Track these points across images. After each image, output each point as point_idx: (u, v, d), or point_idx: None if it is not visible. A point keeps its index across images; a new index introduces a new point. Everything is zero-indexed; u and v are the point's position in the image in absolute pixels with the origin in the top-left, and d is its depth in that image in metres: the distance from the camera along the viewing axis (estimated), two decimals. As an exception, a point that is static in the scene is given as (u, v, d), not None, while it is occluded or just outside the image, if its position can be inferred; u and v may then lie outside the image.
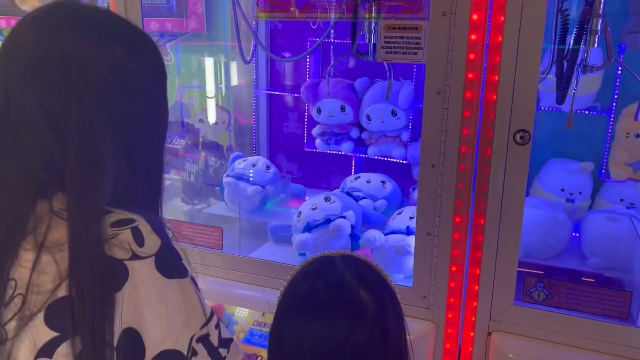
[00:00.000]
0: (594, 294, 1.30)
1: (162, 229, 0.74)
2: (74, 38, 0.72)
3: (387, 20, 1.34)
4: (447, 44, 1.25)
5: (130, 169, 0.77)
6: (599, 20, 1.28)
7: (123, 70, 0.74)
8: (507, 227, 1.29)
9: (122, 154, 0.76)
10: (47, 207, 0.71)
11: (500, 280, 1.33)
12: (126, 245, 0.69)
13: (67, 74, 0.71)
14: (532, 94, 1.22)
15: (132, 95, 0.76)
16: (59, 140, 0.71)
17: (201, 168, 2.10)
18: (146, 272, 0.70)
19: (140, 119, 0.78)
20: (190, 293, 0.74)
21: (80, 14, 0.76)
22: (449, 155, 1.31)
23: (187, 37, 2.22)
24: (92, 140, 0.72)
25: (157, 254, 0.71)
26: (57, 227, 0.70)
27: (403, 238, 1.53)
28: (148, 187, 0.81)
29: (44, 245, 0.69)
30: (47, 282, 0.68)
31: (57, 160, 0.72)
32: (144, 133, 0.79)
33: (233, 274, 1.63)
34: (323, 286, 0.83)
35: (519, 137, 1.24)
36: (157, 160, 0.83)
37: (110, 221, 0.71)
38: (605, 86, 1.66)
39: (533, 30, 1.18)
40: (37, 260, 0.68)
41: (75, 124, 0.71)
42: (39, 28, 0.73)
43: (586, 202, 1.73)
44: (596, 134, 1.73)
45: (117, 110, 0.75)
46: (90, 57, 0.72)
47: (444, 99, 1.29)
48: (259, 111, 2.22)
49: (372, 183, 1.88)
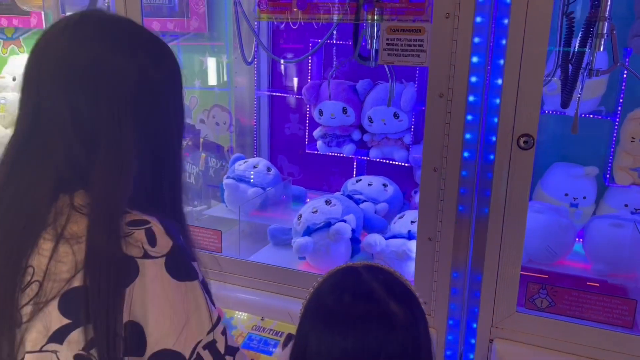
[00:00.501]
0: (598, 302, 1.28)
1: (175, 232, 0.77)
2: (104, 48, 0.77)
3: (390, 23, 1.32)
4: (450, 47, 1.23)
5: (155, 171, 0.83)
6: (605, 24, 1.26)
7: (148, 77, 0.79)
8: (510, 233, 1.27)
9: (147, 157, 0.80)
10: (67, 202, 0.76)
11: (502, 287, 1.31)
12: (139, 244, 0.73)
13: (97, 81, 0.76)
14: (537, 98, 1.20)
15: (157, 101, 0.81)
16: (85, 142, 0.76)
17: (201, 169, 2.08)
18: (156, 271, 0.73)
19: (163, 124, 0.83)
20: (196, 296, 0.76)
21: (109, 24, 0.81)
22: (452, 160, 1.29)
23: (188, 37, 2.21)
24: (120, 144, 0.77)
25: (168, 255, 0.74)
26: (76, 221, 0.74)
27: (404, 243, 1.52)
28: (172, 187, 0.86)
29: (63, 236, 0.73)
30: (63, 272, 0.72)
31: (81, 160, 0.76)
32: (167, 137, 0.84)
33: (232, 278, 1.61)
34: (352, 298, 0.83)
35: (522, 141, 1.22)
36: (179, 161, 0.88)
37: (127, 220, 0.75)
38: (610, 90, 1.64)
39: (538, 33, 1.16)
40: (55, 250, 0.72)
41: (105, 128, 0.76)
42: (70, 37, 0.78)
43: (590, 207, 1.71)
44: (601, 138, 1.71)
45: (143, 116, 0.79)
46: (118, 66, 0.77)
47: (447, 102, 1.27)
48: (260, 112, 2.20)
49: (374, 186, 1.86)
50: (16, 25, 2.59)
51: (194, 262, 0.78)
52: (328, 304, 0.84)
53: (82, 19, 0.80)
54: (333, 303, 0.84)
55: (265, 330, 1.47)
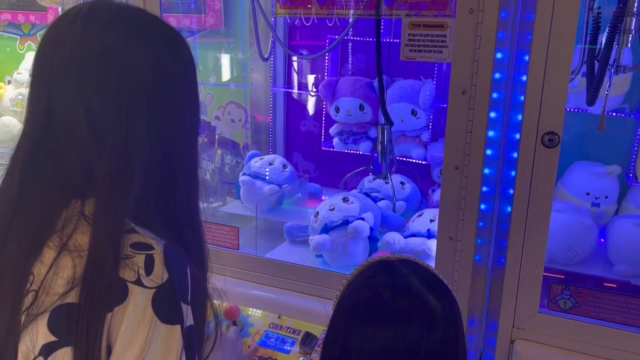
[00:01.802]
0: (623, 304, 1.25)
1: (176, 263, 0.73)
2: (116, 37, 0.73)
3: (411, 18, 1.30)
4: (473, 43, 1.21)
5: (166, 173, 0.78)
6: (632, 19, 1.23)
7: (163, 68, 0.75)
8: (533, 233, 1.25)
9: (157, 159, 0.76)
10: (78, 209, 0.73)
11: (524, 288, 1.29)
12: (135, 268, 0.69)
13: (109, 73, 0.72)
14: (563, 95, 1.18)
15: (172, 93, 0.77)
16: (98, 142, 0.72)
17: (217, 166, 2.08)
18: (141, 302, 0.69)
19: (178, 121, 0.78)
20: (169, 342, 0.71)
21: (120, 13, 0.77)
22: (474, 158, 1.27)
23: (204, 33, 2.20)
24: (127, 144, 0.72)
25: (159, 288, 0.70)
26: (83, 231, 0.71)
27: (423, 241, 1.50)
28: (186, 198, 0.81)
29: (67, 247, 0.70)
30: (59, 285, 0.69)
31: (94, 162, 0.72)
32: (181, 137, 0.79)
33: (249, 275, 1.60)
34: (392, 292, 0.83)
35: (547, 139, 1.20)
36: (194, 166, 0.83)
37: (132, 241, 0.71)
38: (634, 87, 1.61)
39: (565, 29, 1.14)
40: (56, 261, 0.70)
41: (113, 125, 0.72)
42: (81, 27, 0.73)
43: (612, 207, 1.68)
44: (624, 137, 1.68)
45: (157, 109, 0.75)
46: (131, 55, 0.73)
47: (470, 99, 1.25)
48: (276, 109, 2.19)
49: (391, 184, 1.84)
50: (33, 22, 2.60)
51: (185, 303, 0.73)
52: (367, 299, 0.84)
53: (92, 9, 0.75)
54: (372, 298, 0.83)
55: (282, 328, 1.46)
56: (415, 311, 0.81)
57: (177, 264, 0.73)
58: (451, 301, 0.86)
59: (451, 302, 0.86)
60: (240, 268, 1.61)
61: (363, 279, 0.88)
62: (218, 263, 1.62)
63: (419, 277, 0.85)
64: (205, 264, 0.86)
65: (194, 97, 0.82)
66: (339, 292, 0.90)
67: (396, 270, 0.87)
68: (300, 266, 1.56)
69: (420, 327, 0.80)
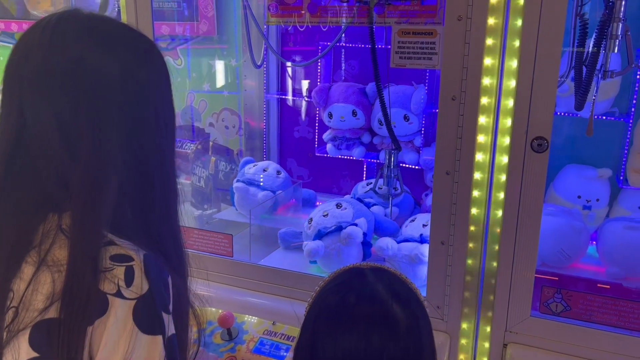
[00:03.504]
0: (614, 306, 1.26)
1: (156, 273, 0.72)
2: (85, 47, 0.72)
3: (401, 25, 1.32)
4: (462, 49, 1.22)
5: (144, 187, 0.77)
6: (619, 25, 1.24)
7: (134, 77, 0.75)
8: (524, 237, 1.26)
9: (133, 169, 0.75)
10: (55, 223, 0.72)
11: (516, 291, 1.30)
12: (115, 280, 0.69)
13: (79, 84, 0.71)
14: (551, 101, 1.19)
15: (144, 102, 0.76)
16: (71, 155, 0.71)
17: (211, 173, 2.08)
18: (122, 314, 0.69)
19: (151, 130, 0.77)
20: (151, 352, 0.71)
21: (89, 22, 0.76)
22: (464, 163, 1.28)
23: (198, 40, 2.21)
24: (101, 155, 0.71)
25: (140, 299, 0.70)
26: (61, 245, 0.71)
27: (416, 246, 1.50)
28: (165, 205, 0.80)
29: (45, 262, 0.69)
30: (39, 301, 0.68)
31: (69, 175, 0.71)
32: (156, 145, 0.78)
33: (243, 282, 1.61)
34: (356, 299, 0.84)
35: (536, 144, 1.21)
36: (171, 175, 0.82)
37: (112, 253, 0.70)
38: (623, 91, 1.62)
39: (552, 36, 1.15)
40: (35, 276, 0.69)
41: (86, 137, 0.71)
42: (50, 38, 0.72)
43: (603, 210, 1.69)
44: (614, 140, 1.69)
45: (129, 119, 0.75)
46: (101, 65, 0.72)
47: (459, 105, 1.26)
48: (269, 115, 2.20)
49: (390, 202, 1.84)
50: (26, 30, 2.60)
51: (166, 313, 0.73)
52: (332, 304, 0.85)
53: (60, 20, 0.74)
54: (337, 303, 0.84)
55: (277, 334, 1.46)
56: (377, 319, 0.82)
57: (157, 274, 0.73)
58: (417, 310, 0.86)
59: (417, 311, 0.86)
60: (234, 275, 1.62)
61: (332, 286, 0.89)
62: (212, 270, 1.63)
63: (385, 285, 0.86)
64: (186, 271, 0.85)
65: (168, 104, 0.81)
66: (311, 299, 0.91)
67: (364, 278, 0.88)
68: (294, 272, 1.57)
69: (382, 335, 0.80)
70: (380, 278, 0.87)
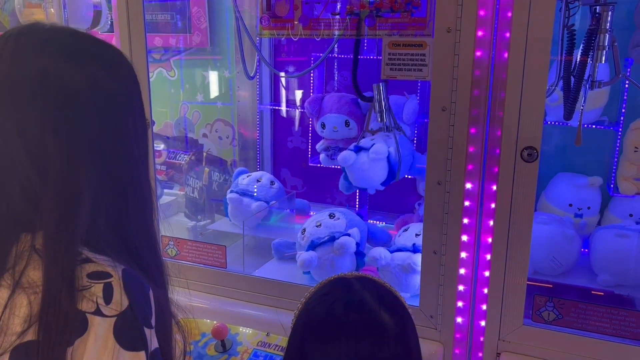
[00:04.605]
0: (606, 314, 1.27)
1: (136, 288, 0.71)
2: (49, 59, 0.70)
3: (391, 37, 1.33)
4: (452, 61, 1.24)
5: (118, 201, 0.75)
6: (606, 36, 1.26)
7: (101, 88, 0.73)
8: (515, 246, 1.27)
9: (105, 182, 0.73)
10: (29, 243, 0.69)
11: (508, 300, 1.31)
12: (94, 299, 0.68)
13: (44, 97, 0.69)
14: (539, 111, 1.21)
15: (114, 113, 0.74)
16: (40, 172, 0.69)
17: (205, 183, 2.08)
18: (102, 332, 0.67)
19: (122, 142, 0.76)
20: None
21: (52, 34, 0.74)
22: (455, 173, 1.29)
23: (191, 51, 2.23)
24: (71, 171, 0.69)
25: (120, 316, 0.68)
26: (35, 266, 0.68)
27: (409, 256, 1.51)
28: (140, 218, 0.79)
29: (20, 284, 0.67)
30: (16, 325, 0.67)
31: (39, 193, 0.69)
32: (128, 158, 0.76)
33: (236, 293, 1.61)
34: (344, 308, 0.84)
35: (526, 154, 1.22)
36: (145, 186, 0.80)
37: (89, 271, 0.69)
38: (612, 100, 1.64)
39: (539, 47, 1.17)
40: (11, 299, 0.67)
41: (54, 152, 0.69)
42: (12, 51, 0.70)
43: (595, 217, 1.70)
44: (604, 148, 1.71)
45: (99, 131, 0.72)
46: (66, 77, 0.70)
47: (450, 116, 1.27)
48: (262, 126, 2.21)
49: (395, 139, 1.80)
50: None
51: (148, 327, 0.71)
52: (320, 314, 0.86)
53: (22, 33, 0.72)
54: (325, 313, 0.85)
55: (271, 346, 1.46)
56: (366, 327, 0.83)
57: (137, 288, 0.71)
58: (404, 318, 0.87)
59: (404, 319, 0.87)
60: (227, 286, 1.62)
61: (319, 296, 0.89)
62: (205, 282, 1.63)
63: (372, 293, 0.87)
64: (166, 282, 0.84)
65: (139, 115, 0.79)
66: (297, 310, 0.91)
67: (350, 287, 0.89)
68: (288, 283, 1.57)
69: (371, 343, 0.81)
70: (366, 287, 0.88)
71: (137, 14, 1.57)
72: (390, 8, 1.33)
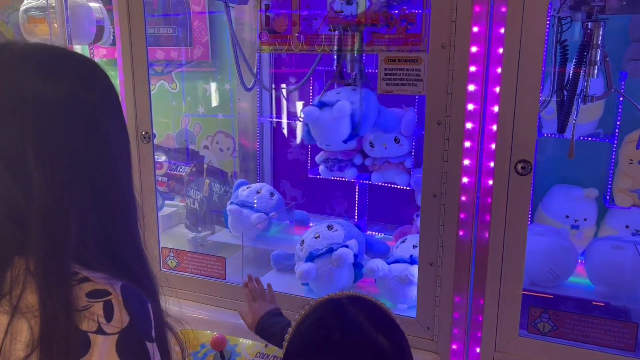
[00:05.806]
0: (600, 325, 1.28)
1: (136, 303, 0.71)
2: (26, 74, 0.70)
3: (387, 53, 1.36)
4: (446, 76, 1.26)
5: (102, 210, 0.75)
6: (597, 51, 1.29)
7: (79, 102, 0.72)
8: (511, 258, 1.29)
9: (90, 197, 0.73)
10: (23, 267, 0.68)
11: (504, 312, 1.32)
12: (95, 318, 0.67)
13: (22, 115, 0.68)
14: (533, 125, 1.23)
15: (94, 127, 0.73)
16: (24, 193, 0.68)
17: (205, 195, 2.11)
18: (104, 350, 0.67)
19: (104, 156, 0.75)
20: None
21: (26, 51, 0.73)
22: (451, 186, 1.31)
23: (192, 64, 2.26)
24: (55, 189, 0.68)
25: (122, 333, 0.68)
26: (32, 290, 0.68)
27: (407, 267, 1.52)
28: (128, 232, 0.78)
29: (19, 309, 0.67)
30: (18, 350, 0.66)
31: (26, 215, 0.68)
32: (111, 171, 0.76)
33: (236, 304, 1.62)
34: (341, 334, 0.84)
35: (520, 167, 1.24)
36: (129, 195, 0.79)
37: (87, 290, 0.68)
38: (607, 113, 1.66)
39: (532, 62, 1.19)
40: (11, 326, 0.66)
41: (36, 171, 0.67)
42: None
43: (591, 229, 1.72)
44: (600, 161, 1.72)
45: (80, 146, 0.72)
46: (43, 93, 0.69)
47: (445, 129, 1.29)
48: (263, 137, 2.23)
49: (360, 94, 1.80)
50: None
51: (150, 341, 0.71)
52: (317, 340, 0.85)
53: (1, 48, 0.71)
54: (323, 339, 0.84)
55: (269, 357, 1.48)
56: (364, 351, 0.83)
57: (137, 303, 0.71)
58: (400, 339, 0.87)
59: (400, 340, 0.87)
60: (227, 297, 1.63)
61: (312, 322, 0.88)
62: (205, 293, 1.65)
63: (367, 315, 0.87)
64: (158, 293, 0.84)
65: (120, 126, 0.79)
66: (288, 335, 0.90)
67: (344, 310, 0.88)
68: (286, 294, 1.58)
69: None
70: (360, 309, 0.88)
71: (138, 29, 1.60)
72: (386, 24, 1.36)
